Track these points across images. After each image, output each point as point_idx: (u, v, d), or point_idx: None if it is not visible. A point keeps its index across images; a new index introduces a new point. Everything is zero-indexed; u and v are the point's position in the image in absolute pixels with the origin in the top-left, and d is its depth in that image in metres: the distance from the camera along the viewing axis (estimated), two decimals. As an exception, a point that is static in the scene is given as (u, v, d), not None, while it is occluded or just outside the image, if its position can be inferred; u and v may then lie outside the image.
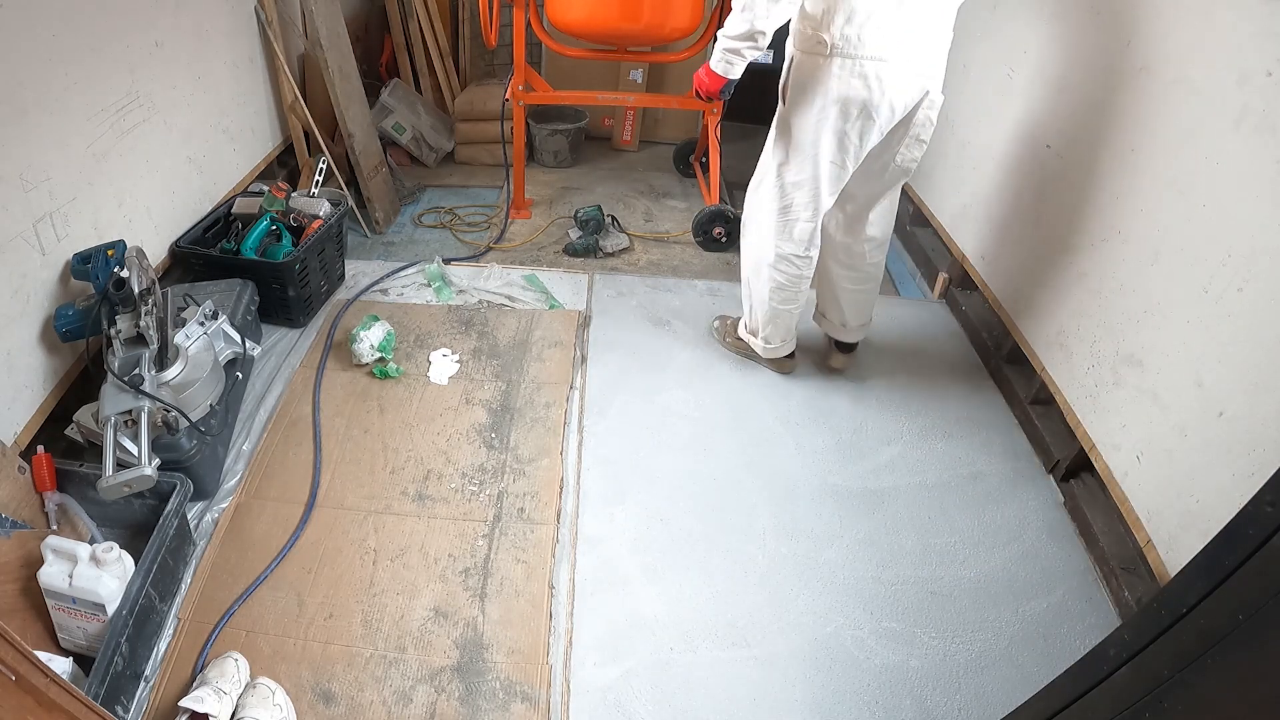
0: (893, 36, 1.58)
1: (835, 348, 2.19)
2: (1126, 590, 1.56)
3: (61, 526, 1.49)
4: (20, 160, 1.55)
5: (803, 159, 1.77)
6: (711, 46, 2.83)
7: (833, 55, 1.61)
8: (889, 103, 1.64)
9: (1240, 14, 1.37)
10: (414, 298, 2.43)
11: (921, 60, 1.63)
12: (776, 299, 1.99)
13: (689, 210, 3.06)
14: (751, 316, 2.10)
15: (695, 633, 1.49)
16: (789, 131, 1.78)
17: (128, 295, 1.61)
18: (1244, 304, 1.34)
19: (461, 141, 3.39)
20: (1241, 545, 0.69)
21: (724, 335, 2.26)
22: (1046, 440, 1.90)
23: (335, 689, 1.36)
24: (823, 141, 1.71)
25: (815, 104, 1.68)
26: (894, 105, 1.65)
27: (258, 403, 1.96)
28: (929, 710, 1.39)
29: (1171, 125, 1.55)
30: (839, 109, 1.65)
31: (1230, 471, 1.33)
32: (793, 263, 1.92)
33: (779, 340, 2.08)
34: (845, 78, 1.62)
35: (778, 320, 2.03)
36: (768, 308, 2.01)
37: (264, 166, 2.70)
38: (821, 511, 1.76)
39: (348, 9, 3.00)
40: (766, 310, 2.02)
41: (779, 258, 1.92)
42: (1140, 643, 0.80)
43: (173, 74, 2.09)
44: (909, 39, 1.60)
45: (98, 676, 1.19)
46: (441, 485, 1.76)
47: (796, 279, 1.95)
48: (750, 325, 2.13)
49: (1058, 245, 1.92)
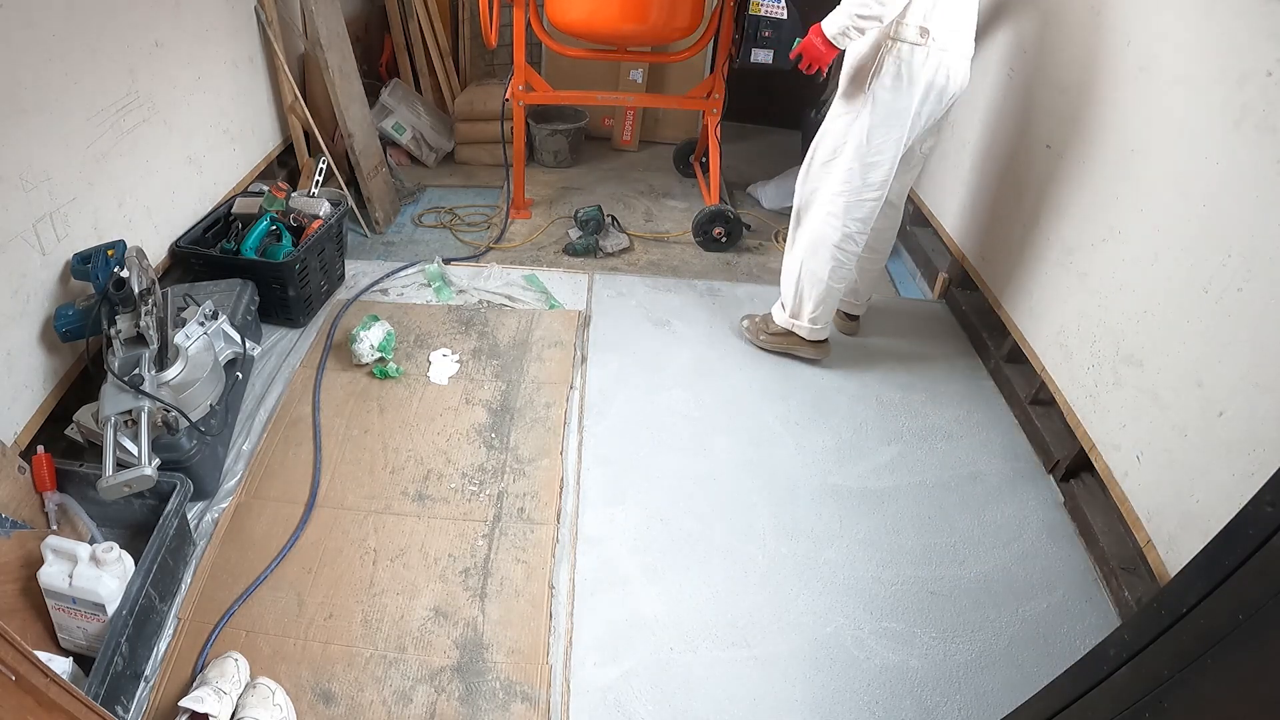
0: (962, 25, 1.75)
1: (847, 319, 2.34)
2: (1126, 590, 1.56)
3: (61, 526, 1.49)
4: (20, 160, 1.55)
5: (883, 141, 1.84)
6: (710, 47, 2.81)
7: (921, 43, 1.72)
8: (954, 90, 1.79)
9: (1240, 14, 1.37)
10: (414, 298, 2.43)
11: (970, 49, 1.78)
12: (835, 278, 2.04)
13: (689, 210, 3.06)
14: (798, 300, 2.13)
15: (695, 633, 1.49)
16: (870, 114, 1.83)
17: (128, 295, 1.61)
18: (1244, 304, 1.34)
19: (461, 141, 3.39)
20: (1241, 545, 0.69)
21: (756, 333, 2.28)
22: (1046, 440, 1.91)
23: (335, 689, 1.36)
24: (903, 125, 1.81)
25: (901, 89, 1.77)
26: (955, 93, 1.81)
27: (258, 403, 1.96)
28: (929, 710, 1.39)
29: (1171, 125, 1.55)
30: (922, 94, 1.77)
31: (1230, 471, 1.33)
32: (855, 241, 2.00)
33: (825, 320, 2.14)
34: (931, 65, 1.73)
35: (829, 300, 2.09)
36: (825, 287, 2.06)
37: (264, 166, 2.70)
38: (821, 511, 1.76)
39: (348, 9, 3.00)
40: (823, 289, 2.07)
41: (845, 237, 1.99)
42: (1140, 643, 0.80)
43: (173, 74, 2.09)
44: (968, 29, 1.77)
45: (98, 676, 1.19)
46: (441, 485, 1.76)
47: (853, 256, 2.03)
48: (795, 310, 2.16)
49: (1057, 245, 1.92)
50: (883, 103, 1.79)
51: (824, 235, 2.00)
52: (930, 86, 1.76)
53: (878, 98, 1.79)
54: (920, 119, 1.81)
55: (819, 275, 2.04)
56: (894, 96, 1.78)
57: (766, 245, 2.89)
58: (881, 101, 1.79)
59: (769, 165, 3.40)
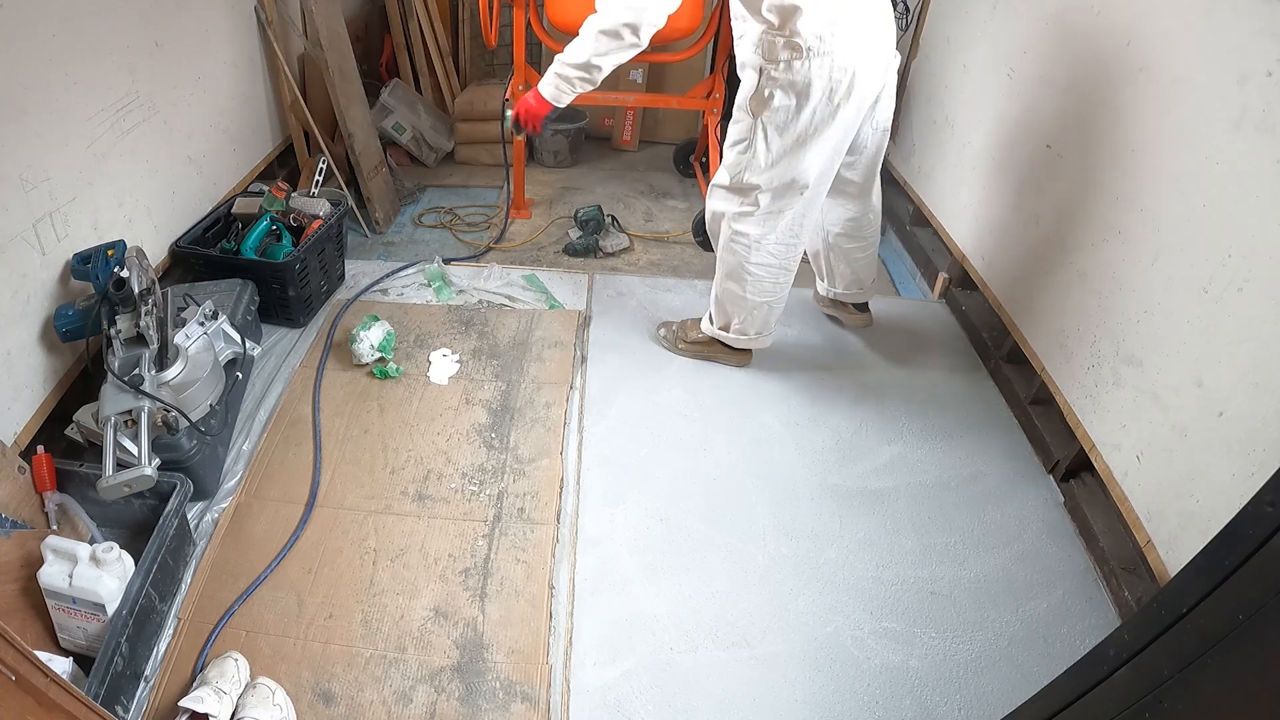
0: (859, 39, 1.64)
1: (855, 310, 2.28)
2: (1126, 590, 1.56)
3: (61, 526, 1.49)
4: (20, 160, 1.55)
5: (788, 160, 1.77)
6: (710, 47, 2.81)
7: (810, 57, 1.63)
8: (862, 86, 1.68)
9: (1240, 14, 1.37)
10: (414, 298, 2.43)
11: (885, 48, 1.72)
12: (756, 292, 2.02)
13: (689, 210, 3.06)
14: (723, 314, 2.10)
15: (695, 633, 1.49)
16: (764, 139, 1.77)
17: (128, 295, 1.61)
18: (1244, 304, 1.34)
19: (461, 141, 3.39)
20: (1241, 545, 0.69)
21: (675, 341, 2.23)
22: (1046, 440, 1.90)
23: (335, 689, 1.36)
24: (804, 139, 1.73)
25: (806, 105, 1.69)
26: (871, 95, 1.74)
27: (258, 403, 1.96)
28: (929, 710, 1.39)
29: (1171, 125, 1.55)
30: (816, 101, 1.67)
31: (1230, 471, 1.33)
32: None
33: (755, 330, 2.10)
34: (825, 76, 1.65)
35: (755, 313, 2.06)
36: (747, 302, 2.03)
37: (264, 166, 2.70)
38: (821, 511, 1.76)
39: (348, 9, 3.00)
40: (746, 305, 2.04)
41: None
42: (1140, 643, 0.80)
43: (173, 74, 2.09)
44: (873, 38, 1.67)
45: (98, 676, 1.19)
46: (441, 485, 1.76)
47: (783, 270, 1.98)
48: (722, 322, 2.12)
49: (1057, 245, 1.92)
50: (775, 125, 1.72)
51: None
52: (825, 91, 1.65)
53: (771, 122, 1.72)
54: (827, 124, 1.70)
55: (735, 293, 2.01)
56: (786, 117, 1.70)
57: (766, 245, 2.89)
58: (775, 125, 1.72)
59: (769, 165, 3.40)
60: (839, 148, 1.79)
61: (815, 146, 1.74)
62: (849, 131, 1.78)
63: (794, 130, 1.72)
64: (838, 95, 1.66)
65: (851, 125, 1.76)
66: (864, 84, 1.68)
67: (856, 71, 1.65)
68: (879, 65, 1.71)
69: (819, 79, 1.64)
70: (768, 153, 1.76)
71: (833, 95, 1.66)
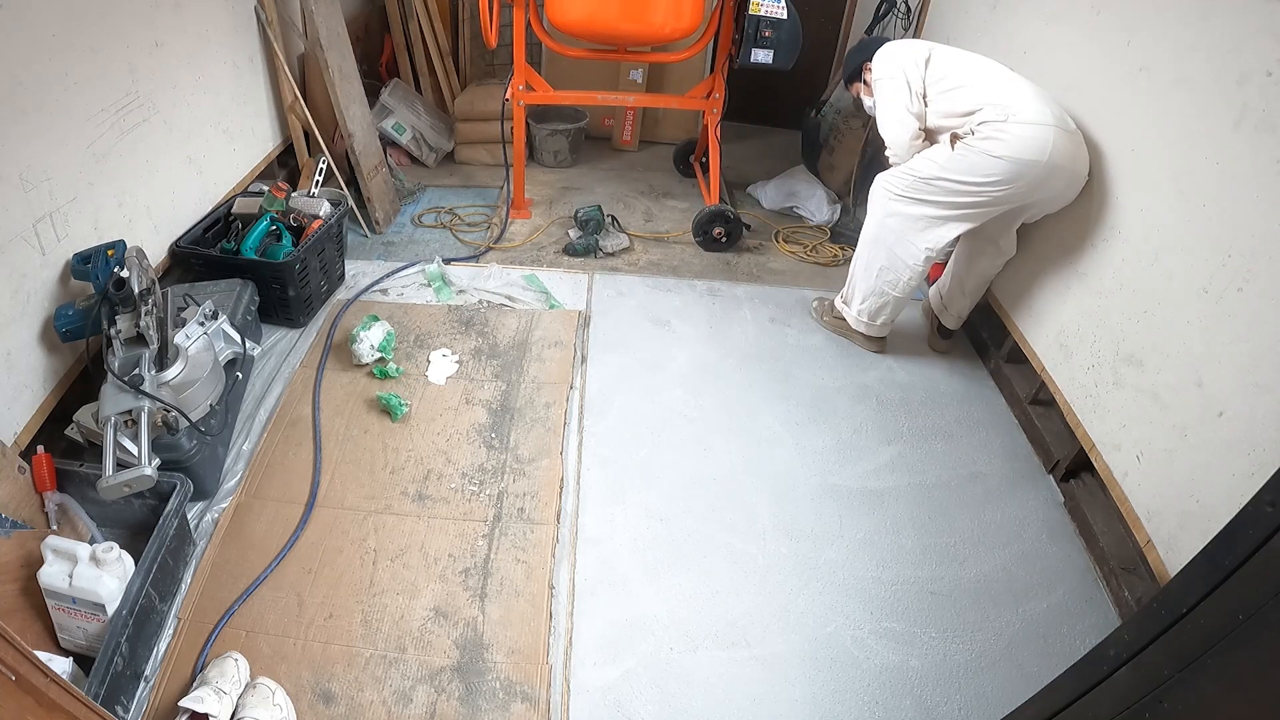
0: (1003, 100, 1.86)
1: (940, 334, 2.35)
2: (1126, 590, 1.56)
3: (61, 526, 1.49)
4: (20, 160, 1.55)
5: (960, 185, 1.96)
6: (710, 47, 2.83)
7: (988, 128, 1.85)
8: (1031, 156, 1.84)
9: (1240, 14, 1.37)
10: (414, 298, 2.43)
11: (1029, 115, 1.87)
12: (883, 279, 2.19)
13: (689, 210, 3.06)
14: (851, 289, 2.27)
15: (695, 633, 1.49)
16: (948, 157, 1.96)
17: (128, 295, 1.61)
18: (1244, 304, 1.34)
19: (461, 141, 3.39)
20: (1241, 545, 0.69)
21: (822, 314, 2.42)
22: (1046, 440, 1.91)
23: (335, 689, 1.36)
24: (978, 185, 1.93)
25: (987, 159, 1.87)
26: (1035, 159, 1.86)
27: (258, 403, 1.96)
28: (929, 710, 1.39)
29: (1171, 125, 1.55)
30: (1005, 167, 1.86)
31: (1230, 471, 1.33)
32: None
33: (880, 318, 2.26)
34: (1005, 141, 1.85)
35: (880, 300, 2.22)
36: (874, 284, 2.20)
37: (264, 166, 2.70)
38: (821, 511, 1.76)
39: (348, 9, 3.00)
40: (872, 285, 2.21)
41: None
42: (1140, 643, 0.80)
43: (173, 74, 2.09)
44: (1015, 101, 1.86)
45: (98, 676, 1.19)
46: (441, 485, 1.76)
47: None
48: (846, 298, 2.30)
49: (1057, 245, 1.92)
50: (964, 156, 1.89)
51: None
52: (1012, 160, 1.79)
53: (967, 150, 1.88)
54: (1005, 189, 1.84)
55: (871, 269, 2.16)
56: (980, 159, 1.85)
57: (766, 245, 2.89)
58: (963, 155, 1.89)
59: (769, 165, 3.40)
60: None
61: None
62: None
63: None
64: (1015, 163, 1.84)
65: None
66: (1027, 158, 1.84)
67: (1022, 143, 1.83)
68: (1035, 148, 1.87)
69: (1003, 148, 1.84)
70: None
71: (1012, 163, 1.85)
